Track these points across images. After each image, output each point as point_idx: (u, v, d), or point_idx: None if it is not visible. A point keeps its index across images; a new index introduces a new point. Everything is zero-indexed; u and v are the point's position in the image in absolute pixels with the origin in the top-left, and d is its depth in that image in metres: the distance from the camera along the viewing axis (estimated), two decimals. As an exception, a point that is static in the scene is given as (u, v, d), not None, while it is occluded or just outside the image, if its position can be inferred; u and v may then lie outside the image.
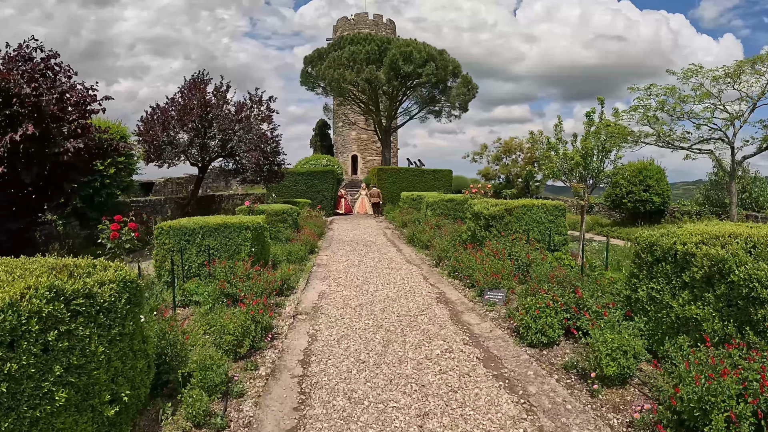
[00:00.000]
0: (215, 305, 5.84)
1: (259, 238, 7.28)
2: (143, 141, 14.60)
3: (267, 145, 15.14)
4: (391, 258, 9.22)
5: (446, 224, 11.55)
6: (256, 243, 7.15)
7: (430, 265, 8.55)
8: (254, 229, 7.00)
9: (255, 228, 7.02)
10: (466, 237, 8.94)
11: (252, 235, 6.92)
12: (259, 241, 7.32)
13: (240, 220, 6.87)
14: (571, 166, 12.78)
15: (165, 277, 7.19)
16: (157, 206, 14.75)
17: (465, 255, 7.46)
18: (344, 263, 8.63)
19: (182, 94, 14.77)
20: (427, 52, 27.93)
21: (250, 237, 6.84)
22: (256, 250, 7.11)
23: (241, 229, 6.80)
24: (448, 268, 7.92)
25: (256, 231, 7.08)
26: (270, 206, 11.63)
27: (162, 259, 7.23)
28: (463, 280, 7.13)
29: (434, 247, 9.20)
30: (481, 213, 8.15)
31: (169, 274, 7.20)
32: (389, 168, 22.03)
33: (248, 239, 6.81)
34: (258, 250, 7.24)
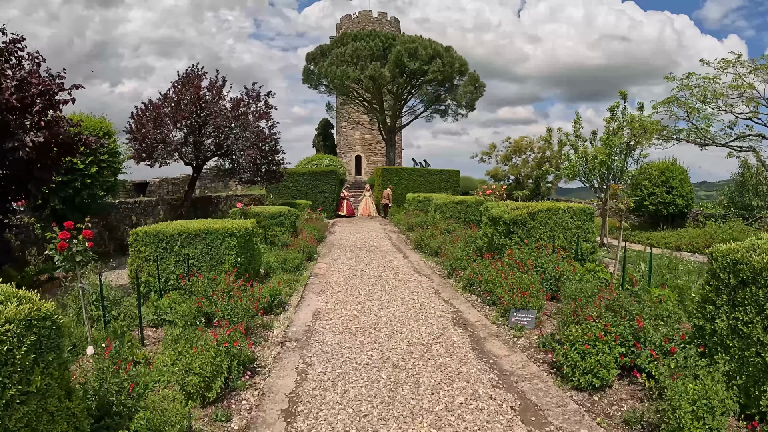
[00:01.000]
0: (190, 327, 4.94)
1: (246, 246, 6.36)
2: (133, 139, 13.81)
3: (265, 144, 14.26)
4: (397, 267, 8.28)
5: (457, 228, 10.60)
6: (244, 251, 6.24)
7: (441, 276, 7.60)
8: (241, 236, 6.08)
9: (241, 234, 6.10)
10: (482, 244, 7.98)
11: (238, 243, 6.00)
12: (247, 248, 6.40)
13: (224, 226, 5.95)
14: (594, 166, 11.79)
15: (141, 289, 6.31)
16: (148, 208, 13.90)
17: (483, 266, 6.50)
18: (345, 273, 7.70)
19: (175, 89, 13.94)
20: (433, 48, 26.99)
21: (236, 245, 5.92)
22: (244, 259, 6.19)
23: (225, 235, 5.89)
24: (462, 280, 6.97)
25: (243, 238, 6.16)
26: (266, 208, 10.73)
27: (137, 270, 6.34)
28: (481, 296, 6.18)
29: (446, 255, 8.25)
30: (501, 217, 7.19)
31: (144, 287, 6.32)
32: (394, 168, 21.11)
33: (233, 247, 5.89)
34: (246, 259, 6.32)
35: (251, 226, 6.57)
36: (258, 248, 7.08)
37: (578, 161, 11.60)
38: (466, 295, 6.35)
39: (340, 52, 26.36)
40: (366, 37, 26.89)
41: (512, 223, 7.03)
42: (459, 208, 11.49)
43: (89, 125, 10.62)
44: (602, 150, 11.47)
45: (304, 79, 29.42)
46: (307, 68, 29.02)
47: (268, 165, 14.48)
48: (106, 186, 10.57)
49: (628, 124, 12.05)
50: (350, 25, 37.19)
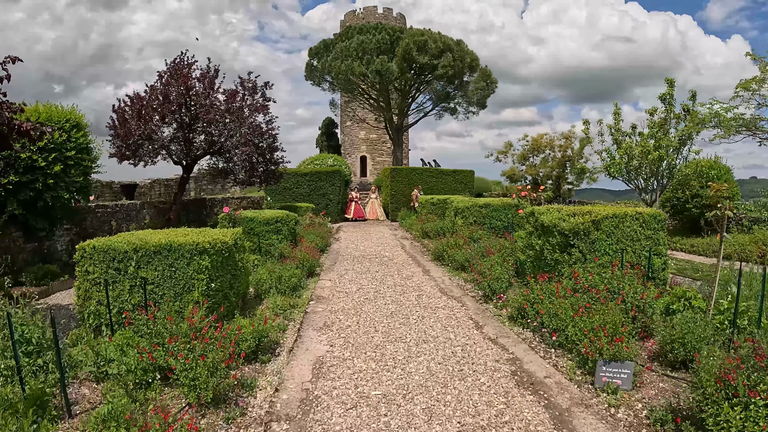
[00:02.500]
0: (138, 389, 3.43)
1: (225, 265, 4.82)
2: (116, 135, 12.36)
3: (262, 140, 12.75)
4: (418, 285, 6.70)
5: (483, 236, 9.02)
6: (221, 273, 4.70)
7: (476, 300, 6.03)
8: (216, 253, 4.54)
9: (217, 251, 4.56)
10: (525, 259, 6.41)
11: (212, 263, 4.46)
12: (226, 269, 4.86)
13: (192, 240, 4.40)
14: (644, 162, 10.18)
15: (90, 321, 4.80)
16: (131, 212, 12.41)
17: (538, 291, 4.93)
18: (354, 296, 6.12)
19: (161, 79, 12.46)
20: (443, 41, 25.47)
21: (208, 266, 4.37)
22: (221, 283, 4.65)
23: (193, 253, 4.34)
24: (507, 307, 5.41)
25: (219, 255, 4.61)
26: (260, 213, 9.20)
27: (85, 296, 4.84)
28: (538, 331, 4.62)
29: (477, 271, 6.68)
30: (556, 226, 5.62)
31: (93, 318, 4.80)
32: (404, 168, 19.55)
33: (204, 270, 4.35)
34: (224, 283, 4.78)
35: (233, 239, 5.02)
36: (245, 265, 5.54)
37: (623, 158, 10.01)
38: (516, 330, 4.78)
39: (345, 46, 24.88)
40: (372, 30, 25.39)
41: (573, 234, 5.45)
42: (483, 212, 9.92)
43: (55, 116, 9.12)
44: (648, 145, 9.87)
45: (307, 75, 27.95)
46: (309, 64, 27.56)
47: (265, 164, 12.96)
48: (74, 187, 9.06)
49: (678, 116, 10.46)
50: (354, 22, 35.73)
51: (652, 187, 11.07)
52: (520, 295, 5.16)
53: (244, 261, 5.56)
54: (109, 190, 16.51)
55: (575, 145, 19.92)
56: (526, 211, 6.60)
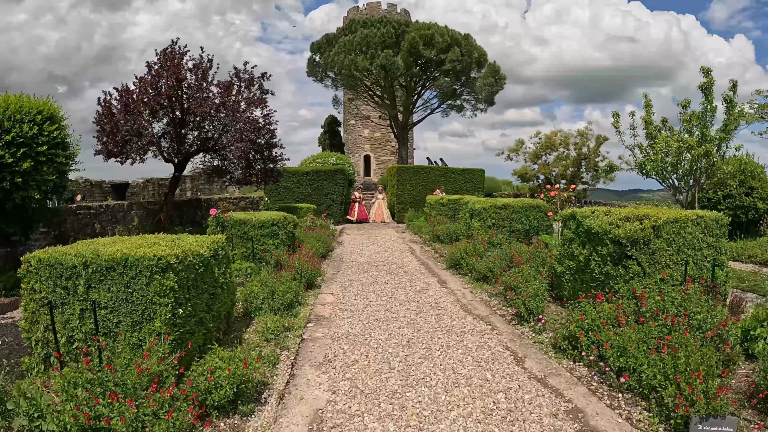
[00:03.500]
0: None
1: (200, 283, 3.85)
2: (102, 131, 11.47)
3: (259, 136, 11.81)
4: (436, 301, 5.71)
5: (504, 242, 8.03)
6: (194, 293, 3.73)
7: (506, 319, 5.04)
8: (186, 269, 3.58)
9: (188, 266, 3.60)
10: (563, 270, 5.41)
11: (181, 282, 3.50)
12: (201, 287, 3.89)
13: (155, 252, 3.43)
14: (682, 159, 9.15)
15: (38, 350, 3.87)
16: (118, 213, 11.48)
17: (596, 314, 3.94)
18: (361, 316, 5.12)
19: (150, 70, 11.55)
20: (450, 35, 24.45)
21: (174, 286, 3.40)
22: (193, 307, 3.68)
23: (154, 270, 3.37)
24: (551, 332, 4.43)
25: (190, 271, 3.65)
26: (254, 215, 8.24)
27: (32, 319, 3.91)
28: (595, 366, 3.64)
29: (503, 282, 5.70)
30: (606, 233, 4.63)
31: (40, 347, 3.88)
32: (411, 167, 18.57)
33: (168, 291, 3.38)
34: (198, 306, 3.81)
35: (211, 250, 4.05)
36: (229, 280, 4.56)
37: (659, 154, 8.98)
38: (566, 364, 3.79)
39: (348, 40, 23.91)
40: (376, 24, 24.40)
41: (630, 242, 4.45)
42: (503, 214, 8.92)
43: (26, 107, 8.18)
44: (690, 139, 8.84)
45: (309, 71, 26.99)
46: (311, 59, 26.60)
47: (263, 162, 12.01)
48: (46, 186, 8.13)
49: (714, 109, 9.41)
50: (358, 17, 34.79)
51: (686, 187, 10.04)
52: (566, 319, 4.17)
53: (228, 275, 4.59)
54: (99, 189, 15.60)
55: (591, 142, 18.90)
56: (563, 214, 5.60)
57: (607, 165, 10.35)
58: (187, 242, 4.09)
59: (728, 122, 9.02)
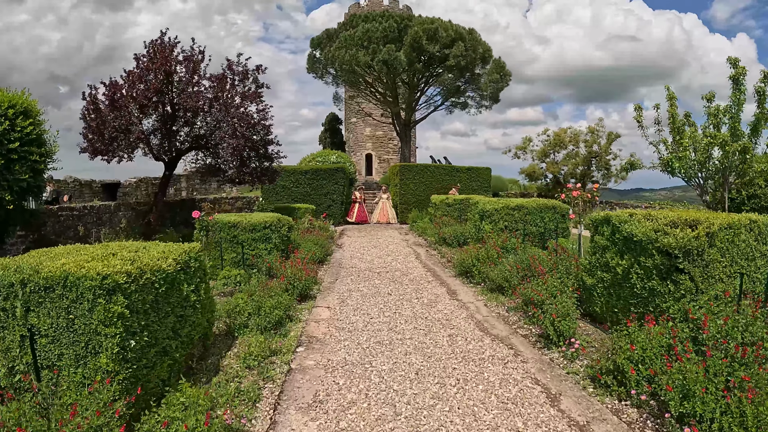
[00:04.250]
0: None
1: (163, 305, 3.15)
2: (87, 127, 10.83)
3: (254, 132, 11.11)
4: (447, 318, 4.99)
5: (518, 245, 7.32)
6: (154, 318, 3.03)
7: (529, 340, 4.32)
8: (141, 290, 2.87)
9: (143, 286, 2.89)
10: (596, 283, 4.69)
11: (134, 306, 2.80)
12: (164, 310, 3.19)
13: (100, 268, 2.72)
14: (720, 156, 8.39)
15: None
16: (104, 215, 10.81)
17: (647, 341, 3.23)
18: (360, 337, 4.39)
19: (139, 63, 10.89)
20: (454, 30, 23.68)
21: (124, 312, 2.70)
22: (152, 335, 2.99)
23: (98, 293, 2.66)
24: (584, 358, 3.72)
25: (148, 292, 2.95)
26: (245, 217, 7.54)
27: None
28: (646, 406, 2.93)
29: (524, 295, 4.98)
30: (652, 241, 3.91)
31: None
32: (415, 165, 17.83)
33: (117, 319, 2.67)
34: (161, 333, 3.12)
35: (178, 262, 3.35)
36: (204, 297, 3.86)
37: (687, 150, 8.24)
38: (609, 404, 3.08)
39: (349, 34, 23.17)
40: (378, 18, 23.65)
41: (682, 253, 3.72)
42: (516, 215, 8.19)
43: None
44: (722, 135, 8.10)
45: (309, 67, 26.27)
46: (312, 55, 25.88)
47: (258, 159, 11.31)
48: (19, 186, 7.46)
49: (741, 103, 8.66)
50: (359, 12, 34.06)
51: (714, 186, 9.29)
52: (607, 345, 3.45)
53: (205, 290, 3.88)
54: (89, 189, 14.94)
55: (602, 140, 18.14)
56: (593, 217, 4.88)
57: (628, 162, 9.62)
58: (151, 254, 3.39)
59: (760, 116, 8.28)
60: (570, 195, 6.37)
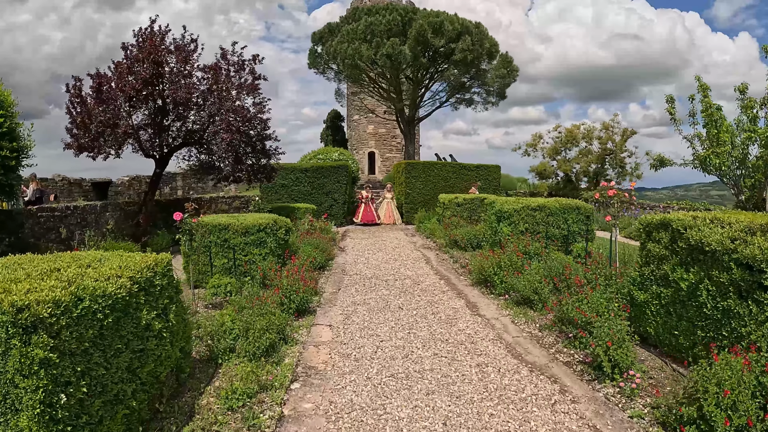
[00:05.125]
0: None
1: (109, 341, 2.38)
2: (72, 121, 10.11)
3: (251, 127, 10.36)
4: (472, 341, 4.22)
5: (543, 250, 6.55)
6: (97, 358, 2.25)
7: (577, 372, 3.55)
8: (78, 323, 2.10)
9: (81, 317, 2.12)
10: (649, 299, 3.91)
11: (67, 344, 2.02)
12: (114, 345, 2.42)
13: (16, 297, 1.95)
14: (764, 152, 7.59)
15: None
16: (90, 216, 10.07)
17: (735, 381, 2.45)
18: (369, 369, 3.55)
19: (127, 52, 10.15)
20: (461, 23, 22.86)
21: (47, 357, 1.93)
22: (95, 382, 2.21)
23: (10, 331, 1.89)
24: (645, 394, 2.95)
25: (87, 325, 2.18)
26: (238, 219, 6.79)
27: None
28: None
29: (562, 313, 4.22)
30: (729, 252, 3.14)
31: None
32: (420, 163, 17.05)
33: (37, 367, 1.90)
34: (112, 374, 2.34)
35: (134, 283, 2.59)
36: (174, 324, 3.10)
37: (726, 146, 7.45)
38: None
39: (352, 28, 22.38)
40: (382, 11, 22.85)
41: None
42: (537, 216, 7.42)
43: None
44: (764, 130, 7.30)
45: (310, 62, 25.48)
46: (313, 50, 25.08)
47: (255, 156, 10.56)
48: (-13, 185, 6.72)
49: None
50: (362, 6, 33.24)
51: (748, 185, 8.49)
52: (669, 378, 2.67)
53: (174, 313, 3.12)
54: (79, 188, 14.21)
55: (617, 137, 17.34)
56: (644, 220, 4.10)
57: (657, 159, 8.85)
58: (102, 270, 2.63)
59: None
60: (605, 194, 5.60)
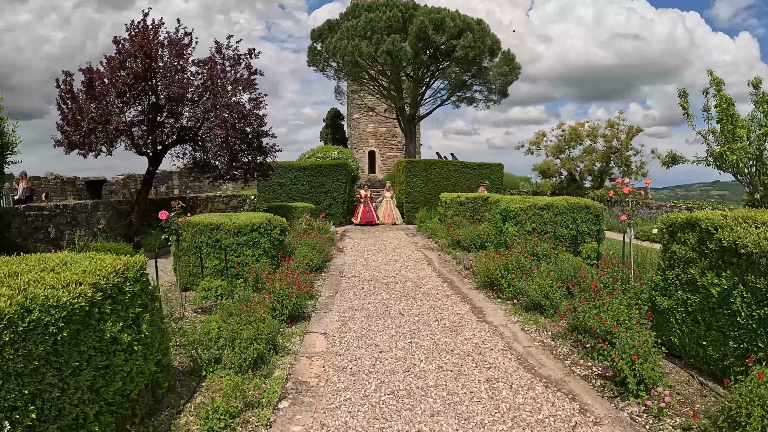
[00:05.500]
0: None
1: (66, 358, 2.03)
2: (63, 118, 9.80)
3: (247, 123, 10.02)
4: (480, 351, 3.88)
5: (551, 251, 6.22)
6: (51, 378, 1.91)
7: (596, 388, 3.21)
8: (25, 338, 1.75)
9: (29, 332, 1.77)
10: (674, 306, 3.58)
11: (10, 364, 1.67)
12: (71, 364, 2.07)
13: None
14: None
15: None
16: (80, 215, 9.74)
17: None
18: (368, 386, 3.16)
19: (118, 46, 9.82)
20: (462, 20, 22.51)
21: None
22: (50, 406, 1.86)
23: None
24: (674, 414, 2.60)
25: (37, 342, 1.83)
26: (231, 218, 6.45)
27: None
28: None
29: (577, 320, 3.88)
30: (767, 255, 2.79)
31: None
32: (422, 161, 16.70)
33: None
34: (70, 396, 2.00)
35: (99, 291, 2.25)
36: (145, 335, 2.77)
37: (743, 142, 7.10)
38: None
39: (352, 24, 22.03)
40: (382, 7, 22.49)
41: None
42: (545, 216, 7.08)
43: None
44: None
45: (309, 60, 25.12)
46: (312, 47, 24.73)
47: (251, 153, 10.22)
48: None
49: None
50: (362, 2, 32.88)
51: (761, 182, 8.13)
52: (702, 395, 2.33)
53: (147, 323, 2.78)
54: (72, 187, 13.88)
55: (622, 134, 16.99)
56: (667, 219, 3.76)
57: (669, 156, 8.48)
58: (64, 276, 2.29)
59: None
60: (620, 192, 5.25)
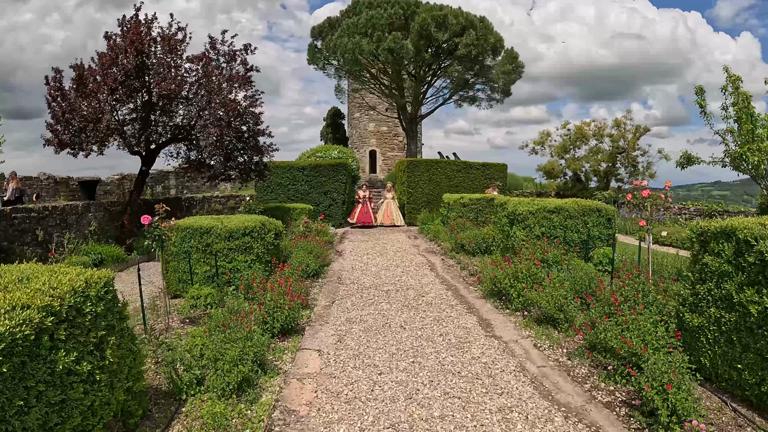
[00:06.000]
0: None
1: (9, 393, 1.67)
2: (52, 116, 9.47)
3: (243, 122, 9.67)
4: (490, 374, 3.51)
5: (560, 257, 5.85)
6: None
7: (621, 418, 2.85)
8: None
9: None
10: (706, 324, 3.21)
11: None
12: (16, 404, 1.70)
13: None
14: None
15: None
16: (70, 217, 9.39)
17: None
18: (365, 418, 2.79)
19: (110, 42, 9.47)
20: (465, 17, 22.11)
21: None
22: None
23: None
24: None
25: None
26: (222, 221, 6.10)
27: None
28: None
29: (596, 337, 3.52)
30: None
31: None
32: (423, 161, 16.33)
33: None
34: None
35: (51, 313, 1.88)
36: (110, 362, 2.40)
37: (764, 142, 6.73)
38: None
39: (352, 22, 21.65)
40: (383, 4, 22.11)
41: None
42: (555, 220, 6.71)
43: None
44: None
45: (309, 58, 24.74)
46: (312, 45, 24.36)
47: (247, 153, 9.86)
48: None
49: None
50: (363, 1, 32.47)
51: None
52: None
53: (113, 347, 2.42)
54: (66, 187, 13.55)
55: (628, 134, 16.60)
56: (697, 227, 3.39)
57: (683, 156, 8.13)
58: (20, 293, 1.93)
59: None
60: (639, 195, 4.88)
